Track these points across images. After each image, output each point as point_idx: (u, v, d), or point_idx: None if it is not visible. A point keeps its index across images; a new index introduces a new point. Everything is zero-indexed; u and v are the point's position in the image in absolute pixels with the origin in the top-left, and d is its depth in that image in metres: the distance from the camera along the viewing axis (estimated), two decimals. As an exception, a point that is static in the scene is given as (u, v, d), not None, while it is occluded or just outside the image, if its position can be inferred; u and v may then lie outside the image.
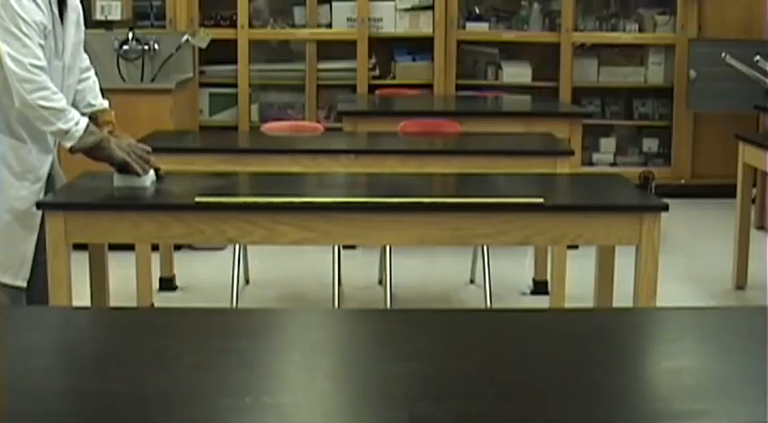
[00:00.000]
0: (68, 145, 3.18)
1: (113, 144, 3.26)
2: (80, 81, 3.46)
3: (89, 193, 3.37)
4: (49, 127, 3.15)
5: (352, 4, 7.02)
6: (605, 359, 1.88)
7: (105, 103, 3.51)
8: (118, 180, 3.33)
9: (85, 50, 3.52)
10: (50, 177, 3.40)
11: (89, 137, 3.19)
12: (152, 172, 3.40)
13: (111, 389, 1.67)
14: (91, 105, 3.47)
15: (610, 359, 1.88)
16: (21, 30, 3.08)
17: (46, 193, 3.35)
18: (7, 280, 3.27)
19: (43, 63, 3.13)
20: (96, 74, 3.58)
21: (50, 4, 3.20)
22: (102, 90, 3.57)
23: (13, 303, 3.29)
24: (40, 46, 3.14)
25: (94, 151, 3.23)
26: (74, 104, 3.39)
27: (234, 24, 6.98)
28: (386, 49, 7.18)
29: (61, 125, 3.14)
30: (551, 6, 7.24)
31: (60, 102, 3.14)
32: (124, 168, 3.32)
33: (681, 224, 6.00)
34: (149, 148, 3.37)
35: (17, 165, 3.27)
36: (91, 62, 3.57)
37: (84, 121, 3.19)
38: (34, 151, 3.29)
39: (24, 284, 3.30)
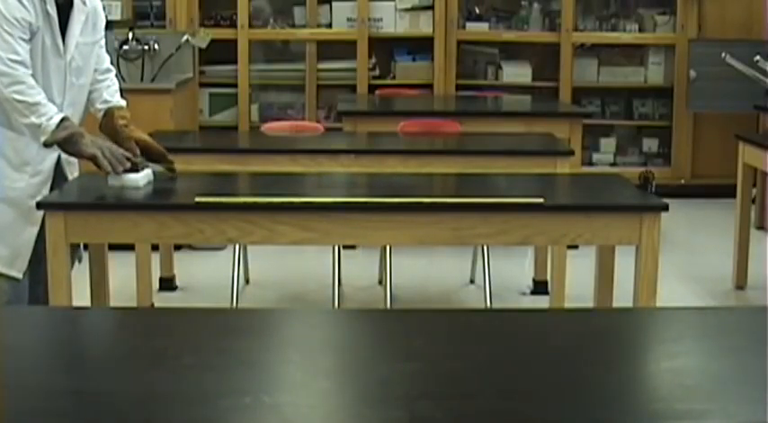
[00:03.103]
0: (42, 139, 3.20)
1: (87, 140, 3.23)
2: (98, 81, 3.51)
3: (89, 193, 3.37)
4: (23, 120, 3.18)
5: (352, 4, 7.02)
6: (605, 359, 1.88)
7: (122, 102, 3.54)
8: (111, 179, 3.34)
9: (108, 53, 3.60)
10: (59, 175, 3.42)
11: (61, 132, 3.18)
12: (148, 171, 3.41)
13: (111, 389, 1.67)
14: (107, 102, 3.51)
15: (610, 359, 1.88)
16: (1, 26, 3.14)
17: (53, 191, 3.37)
18: (1, 269, 3.29)
19: (22, 58, 3.17)
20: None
21: (44, 2, 3.23)
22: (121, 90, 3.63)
23: (14, 293, 3.31)
24: (23, 41, 3.18)
25: (66, 145, 3.23)
26: (89, 102, 3.46)
27: (234, 24, 6.98)
28: (386, 49, 7.18)
29: (34, 119, 3.16)
30: (551, 6, 7.24)
31: (35, 97, 3.17)
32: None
33: (681, 224, 6.00)
34: (130, 155, 3.35)
35: (14, 156, 3.30)
36: None
37: (59, 117, 3.19)
38: (34, 145, 3.30)
39: (20, 276, 3.32)
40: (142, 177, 3.36)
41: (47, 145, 3.22)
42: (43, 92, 3.21)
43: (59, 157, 3.40)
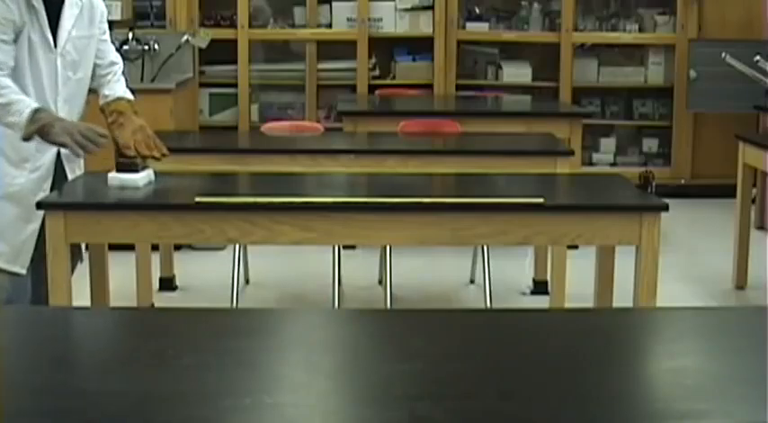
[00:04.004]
0: (19, 135, 3.20)
1: (57, 128, 3.21)
2: (101, 76, 3.53)
3: (89, 193, 3.38)
4: (3, 120, 3.19)
5: (352, 4, 7.02)
6: (605, 359, 1.88)
7: (119, 94, 3.53)
8: (112, 179, 3.34)
9: (115, 47, 3.64)
10: (59, 171, 3.42)
11: (32, 125, 3.18)
12: (149, 171, 3.41)
13: (111, 389, 1.67)
14: (106, 96, 3.53)
15: (610, 359, 1.88)
16: None
17: (53, 188, 3.37)
18: (2, 264, 3.30)
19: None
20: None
21: None
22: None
23: (15, 289, 3.32)
24: (3, 43, 3.19)
25: (42, 137, 3.23)
26: (98, 97, 3.51)
27: (234, 24, 6.98)
28: (386, 49, 7.18)
29: (11, 118, 3.18)
30: (551, 6, 7.24)
31: (8, 96, 3.17)
32: (127, 165, 3.35)
33: (681, 224, 6.00)
34: (103, 131, 3.32)
35: (13, 153, 3.32)
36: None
37: (29, 110, 3.18)
38: (33, 141, 3.31)
39: (23, 271, 3.33)
40: (142, 178, 3.36)
41: (25, 139, 3.24)
42: (19, 89, 3.21)
43: (59, 153, 3.40)
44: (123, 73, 3.65)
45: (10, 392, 1.62)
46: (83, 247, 3.49)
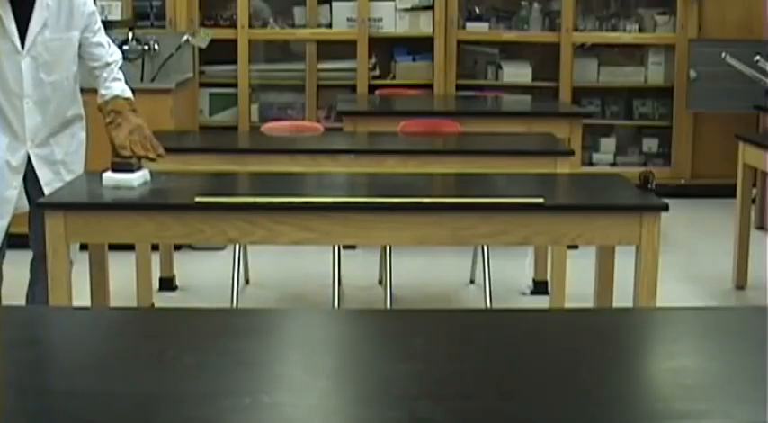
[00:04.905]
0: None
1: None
2: (96, 77, 3.58)
3: (89, 193, 3.38)
4: None
5: (353, 4, 7.02)
6: (605, 359, 1.88)
7: (115, 92, 3.56)
8: (107, 179, 3.34)
9: (120, 50, 3.75)
10: (31, 174, 3.43)
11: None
12: (145, 172, 3.41)
13: (112, 389, 1.67)
14: (102, 96, 3.57)
15: (610, 359, 1.88)
16: None
17: (26, 189, 3.40)
18: None
19: None
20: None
21: None
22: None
23: None
24: None
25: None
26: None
27: (234, 24, 6.98)
28: (386, 49, 7.18)
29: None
30: (551, 6, 7.24)
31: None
32: (122, 165, 3.38)
33: (681, 224, 5.99)
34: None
35: None
36: None
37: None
38: (4, 138, 3.32)
39: None
40: (137, 178, 3.36)
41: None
42: None
43: (29, 155, 3.42)
44: (121, 68, 3.66)
45: (9, 392, 1.61)
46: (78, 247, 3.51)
